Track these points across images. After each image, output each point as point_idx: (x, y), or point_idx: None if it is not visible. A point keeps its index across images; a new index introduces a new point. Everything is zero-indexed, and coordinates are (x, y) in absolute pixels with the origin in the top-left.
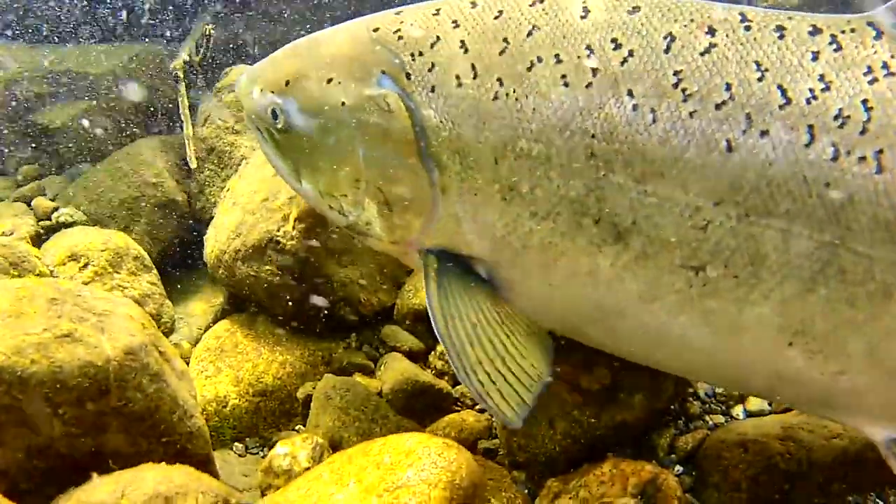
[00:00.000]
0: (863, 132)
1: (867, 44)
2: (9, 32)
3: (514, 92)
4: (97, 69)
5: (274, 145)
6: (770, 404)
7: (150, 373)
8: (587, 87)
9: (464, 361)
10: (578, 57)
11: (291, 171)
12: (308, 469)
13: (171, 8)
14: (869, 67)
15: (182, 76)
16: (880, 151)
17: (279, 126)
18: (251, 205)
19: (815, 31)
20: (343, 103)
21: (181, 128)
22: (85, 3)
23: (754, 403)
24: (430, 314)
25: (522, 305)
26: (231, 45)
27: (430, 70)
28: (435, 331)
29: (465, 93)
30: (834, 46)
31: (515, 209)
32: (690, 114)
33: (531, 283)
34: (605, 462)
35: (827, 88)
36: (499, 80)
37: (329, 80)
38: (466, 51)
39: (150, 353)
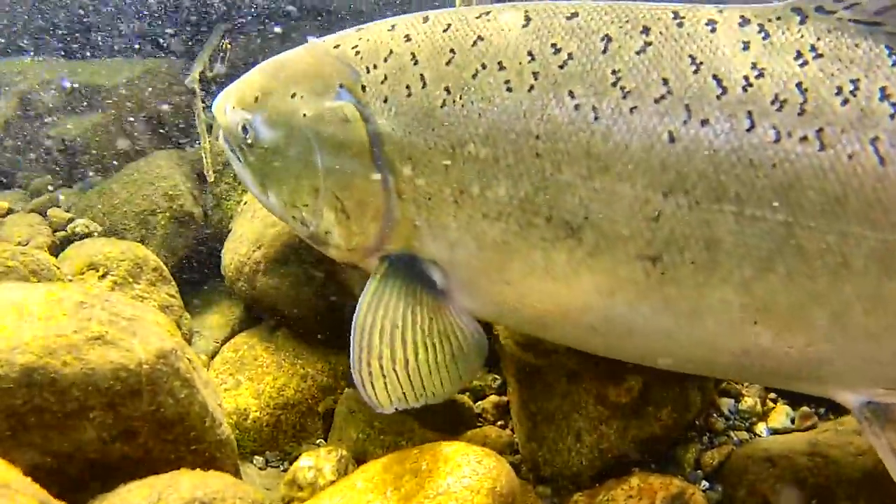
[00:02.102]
0: (801, 113)
1: (793, 30)
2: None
3: (460, 99)
4: (110, 82)
5: (244, 161)
6: (792, 421)
7: (182, 378)
8: (529, 90)
9: (363, 346)
10: (520, 63)
11: (259, 185)
12: (334, 482)
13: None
14: (798, 52)
15: (198, 90)
16: (820, 130)
17: (248, 141)
18: (271, 217)
19: (745, 21)
20: (304, 115)
21: (197, 141)
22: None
23: (777, 420)
24: (357, 305)
25: (483, 308)
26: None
27: (382, 82)
28: (353, 319)
29: (415, 101)
30: (762, 35)
31: (468, 211)
32: (631, 109)
33: (488, 283)
34: (632, 476)
35: (761, 75)
36: (446, 88)
37: (293, 95)
38: (416, 62)
39: (180, 358)
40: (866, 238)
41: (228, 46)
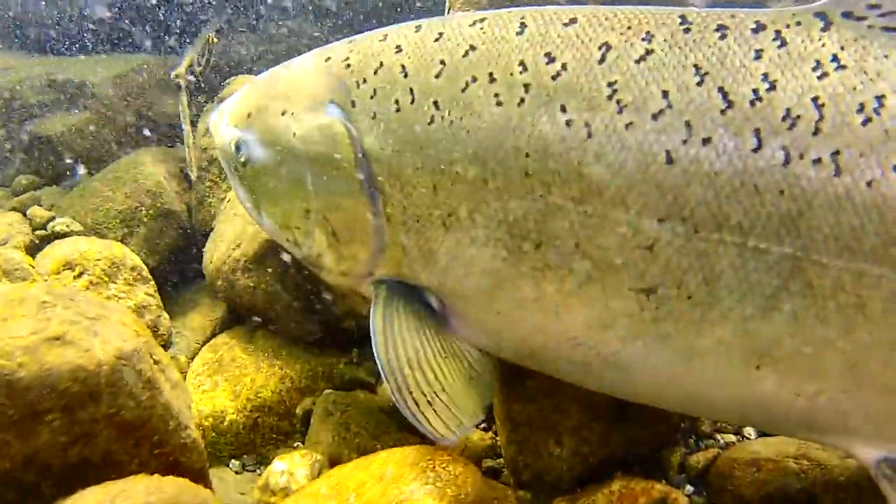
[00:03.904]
0: (816, 132)
1: (814, 37)
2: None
3: (449, 114)
4: (96, 78)
5: (238, 179)
6: None
7: (144, 379)
8: (520, 104)
9: (400, 382)
10: (511, 74)
11: (253, 205)
12: None
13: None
14: (818, 62)
15: (184, 85)
16: (836, 152)
17: (242, 159)
18: None
19: (759, 27)
20: (294, 133)
21: (182, 139)
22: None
23: None
24: (372, 338)
25: (475, 337)
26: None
27: (372, 97)
28: (374, 354)
29: (403, 118)
30: (778, 43)
31: (456, 236)
32: (626, 126)
33: (478, 312)
34: (614, 480)
35: (772, 88)
36: (434, 103)
37: (283, 112)
38: (406, 75)
39: (143, 359)
40: (886, 278)
41: (215, 41)
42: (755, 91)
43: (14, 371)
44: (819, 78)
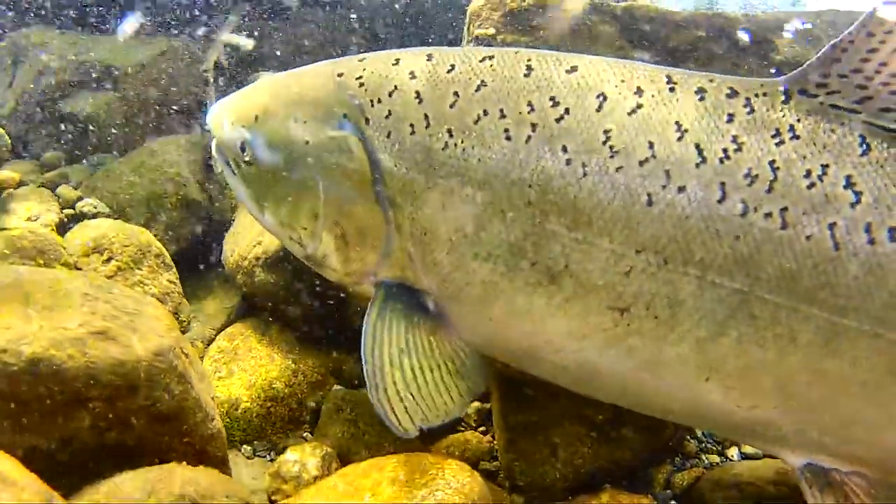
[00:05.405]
0: (769, 191)
1: (777, 107)
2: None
3: (461, 143)
4: (126, 61)
5: (240, 176)
6: None
7: (177, 374)
8: (527, 141)
9: (378, 376)
10: (520, 113)
11: (255, 202)
12: (317, 477)
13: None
14: (777, 130)
15: (212, 78)
16: (784, 209)
17: (246, 159)
18: None
19: (733, 93)
20: (307, 142)
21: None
22: None
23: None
24: (362, 333)
25: (467, 337)
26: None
27: (387, 117)
28: (361, 347)
29: (418, 140)
30: (748, 109)
31: (461, 250)
32: (617, 169)
33: (474, 317)
34: (602, 493)
35: (739, 149)
36: (448, 130)
37: (295, 119)
38: (421, 101)
39: (177, 354)
40: (814, 316)
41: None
42: (724, 150)
43: (63, 362)
44: (777, 144)
